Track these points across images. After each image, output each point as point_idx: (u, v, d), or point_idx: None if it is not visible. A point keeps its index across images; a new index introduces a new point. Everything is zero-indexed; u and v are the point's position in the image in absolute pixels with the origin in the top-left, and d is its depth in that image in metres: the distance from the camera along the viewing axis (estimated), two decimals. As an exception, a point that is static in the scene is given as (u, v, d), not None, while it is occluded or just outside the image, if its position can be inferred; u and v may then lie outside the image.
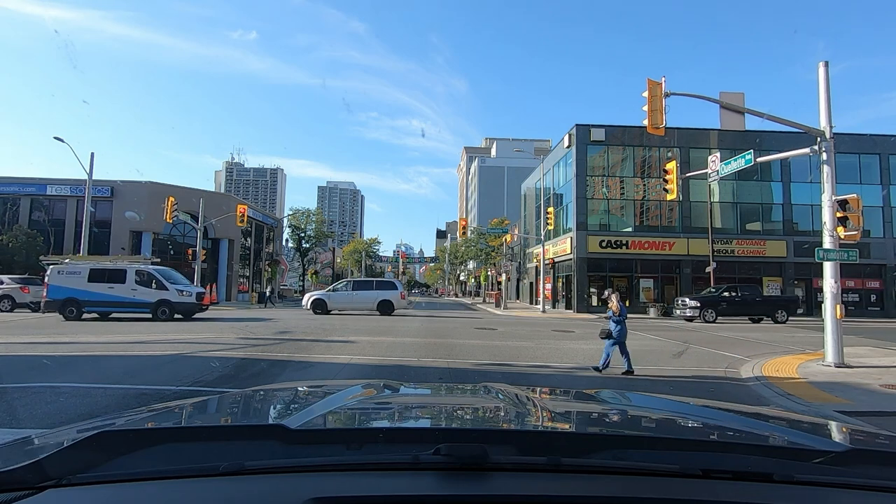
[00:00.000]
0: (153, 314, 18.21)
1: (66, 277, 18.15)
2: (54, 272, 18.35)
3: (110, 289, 18.12)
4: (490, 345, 12.54)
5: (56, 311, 18.06)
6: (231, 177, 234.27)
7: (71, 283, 18.03)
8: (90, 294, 18.04)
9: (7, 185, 35.93)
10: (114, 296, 18.13)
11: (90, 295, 18.03)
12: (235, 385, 7.00)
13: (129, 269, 18.53)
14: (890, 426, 1.80)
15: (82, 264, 18.96)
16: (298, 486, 0.92)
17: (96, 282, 18.16)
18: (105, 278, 18.29)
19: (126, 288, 18.19)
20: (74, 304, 17.96)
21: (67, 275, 18.22)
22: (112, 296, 18.12)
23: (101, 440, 1.07)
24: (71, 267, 18.59)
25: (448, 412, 1.72)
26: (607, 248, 29.76)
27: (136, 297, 18.21)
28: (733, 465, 1.04)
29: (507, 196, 73.98)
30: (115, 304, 18.26)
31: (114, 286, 18.16)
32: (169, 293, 18.42)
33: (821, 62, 10.14)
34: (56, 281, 18.13)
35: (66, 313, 17.88)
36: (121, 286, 18.16)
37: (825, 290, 9.97)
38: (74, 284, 18.04)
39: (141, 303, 18.25)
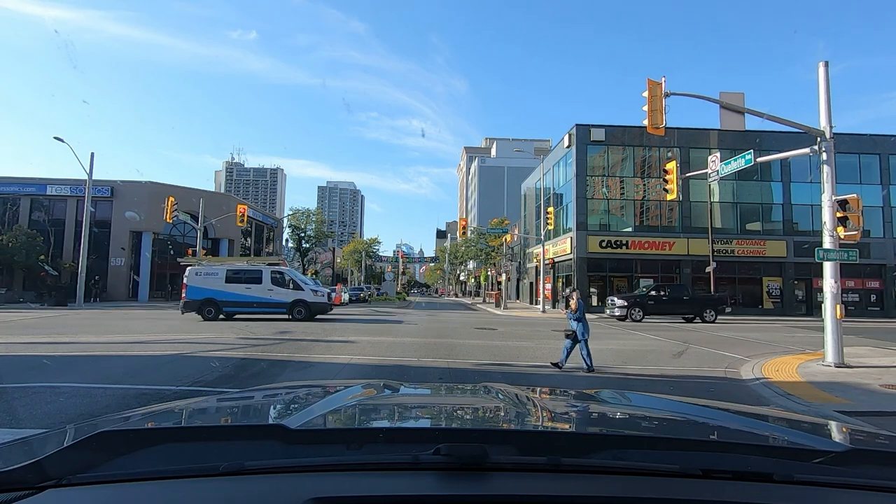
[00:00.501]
0: (289, 314, 18.34)
1: (203, 278, 18.39)
2: (192, 273, 18.59)
3: (247, 289, 18.35)
4: (490, 345, 12.54)
5: (195, 311, 18.32)
6: (231, 177, 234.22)
7: (209, 284, 18.27)
8: (228, 294, 18.30)
9: (7, 185, 35.95)
10: (251, 296, 18.35)
11: (228, 295, 18.30)
12: (235, 385, 7.01)
13: (265, 270, 18.76)
14: (890, 426, 1.80)
15: (218, 266, 19.28)
16: (298, 486, 0.92)
17: (233, 283, 18.40)
18: (242, 279, 18.53)
19: (263, 288, 18.39)
20: (213, 304, 18.23)
21: (205, 276, 18.46)
22: (249, 296, 18.36)
23: (101, 440, 1.07)
24: (208, 268, 18.85)
25: (448, 412, 1.72)
26: (607, 248, 29.77)
27: (273, 298, 18.40)
28: (733, 465, 1.04)
29: (507, 196, 73.99)
30: (252, 304, 18.45)
31: (251, 287, 18.38)
32: (304, 293, 18.62)
33: (821, 62, 10.14)
34: (194, 282, 18.37)
35: (204, 313, 18.17)
36: (257, 287, 18.36)
37: (825, 290, 9.97)
38: (212, 285, 18.28)
39: (277, 303, 18.43)
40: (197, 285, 18.28)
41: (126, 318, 19.34)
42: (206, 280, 18.32)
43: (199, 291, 18.21)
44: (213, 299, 18.16)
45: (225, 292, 18.22)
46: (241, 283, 18.40)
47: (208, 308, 18.15)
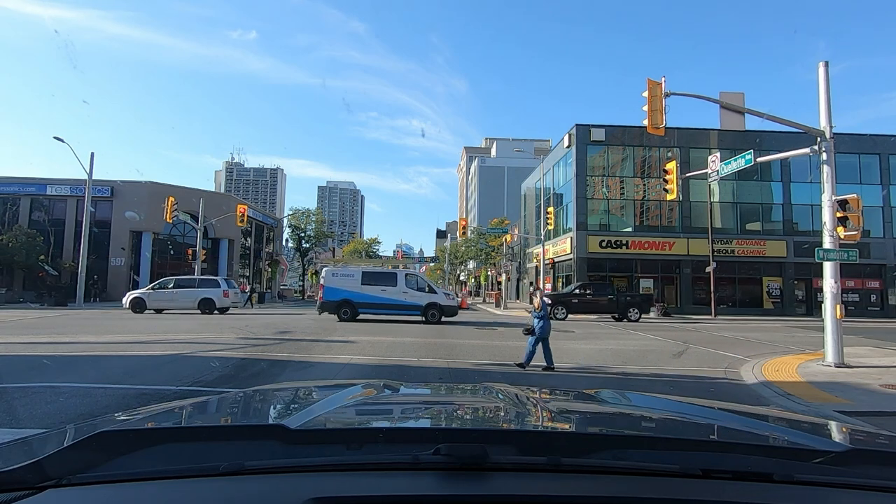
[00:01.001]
0: (423, 317, 18.49)
1: (340, 280, 18.64)
2: (329, 275, 18.85)
3: (383, 291, 18.54)
4: (490, 345, 12.54)
5: (331, 312, 18.51)
6: (231, 177, 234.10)
7: (345, 286, 18.50)
8: (364, 296, 18.49)
9: (7, 185, 35.93)
10: (386, 298, 18.53)
11: (364, 297, 18.48)
12: (235, 385, 7.00)
13: (400, 273, 19.18)
14: (890, 426, 1.80)
15: (354, 268, 19.66)
16: (298, 486, 0.92)
17: (369, 285, 18.59)
18: (377, 281, 18.74)
19: (398, 291, 18.59)
20: (349, 305, 18.44)
21: (342, 277, 18.72)
22: (385, 298, 18.53)
23: (101, 440, 1.07)
24: (344, 269, 19.24)
25: (448, 412, 1.72)
26: (607, 248, 29.77)
27: (407, 300, 18.57)
28: (733, 465, 1.04)
29: (507, 196, 73.94)
30: (387, 306, 18.62)
31: (386, 289, 18.57)
32: (438, 296, 18.87)
33: (821, 62, 10.14)
34: (331, 283, 18.61)
35: (340, 314, 18.36)
36: (393, 289, 18.57)
37: (825, 290, 9.97)
38: (349, 287, 18.50)
39: (412, 305, 18.59)
40: (334, 286, 18.55)
41: (126, 318, 19.33)
42: (343, 281, 18.61)
43: (335, 293, 18.50)
44: (349, 300, 18.43)
45: (361, 294, 18.49)
46: (377, 286, 18.66)
47: (344, 309, 18.44)
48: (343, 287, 18.45)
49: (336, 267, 19.63)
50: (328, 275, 18.85)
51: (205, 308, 22.36)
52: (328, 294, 18.53)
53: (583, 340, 14.08)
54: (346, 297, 18.40)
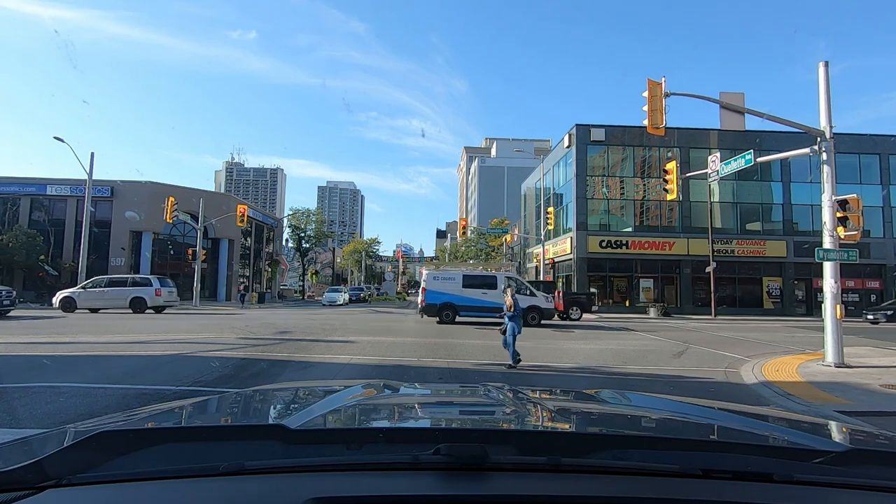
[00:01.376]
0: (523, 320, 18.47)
1: (441, 283, 18.81)
2: (430, 278, 18.99)
3: (484, 294, 18.67)
4: (490, 345, 12.54)
5: (433, 314, 18.64)
6: (231, 177, 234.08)
7: (447, 289, 18.71)
8: (465, 299, 18.69)
9: (7, 185, 35.94)
10: (487, 301, 18.58)
11: (465, 300, 18.69)
12: (235, 385, 7.00)
13: (500, 275, 19.19)
14: (890, 426, 1.80)
15: (454, 271, 19.60)
16: (298, 486, 0.92)
17: (470, 288, 18.78)
18: (478, 284, 18.90)
19: (498, 294, 18.54)
20: (451, 308, 18.65)
21: (443, 280, 18.86)
22: (485, 301, 18.60)
23: (101, 440, 1.07)
24: (445, 273, 19.22)
25: (448, 412, 1.72)
26: (607, 248, 29.78)
27: None
28: (733, 465, 1.04)
29: (507, 196, 74.00)
30: (488, 309, 18.56)
31: (487, 292, 18.68)
32: (538, 299, 18.90)
33: (821, 62, 10.14)
34: (433, 286, 18.81)
35: (442, 317, 18.54)
36: (493, 292, 18.59)
37: (825, 290, 9.97)
38: (450, 290, 18.70)
39: None
40: (435, 290, 18.74)
41: (126, 318, 19.33)
42: (444, 285, 18.78)
43: (437, 296, 18.69)
44: (451, 303, 18.63)
45: (462, 297, 18.71)
46: (478, 289, 18.82)
47: (446, 312, 18.63)
48: (444, 290, 18.68)
49: (437, 270, 19.55)
50: (429, 278, 18.96)
51: (136, 307, 21.96)
52: (430, 297, 18.72)
53: (583, 340, 14.09)
54: (448, 300, 18.63)
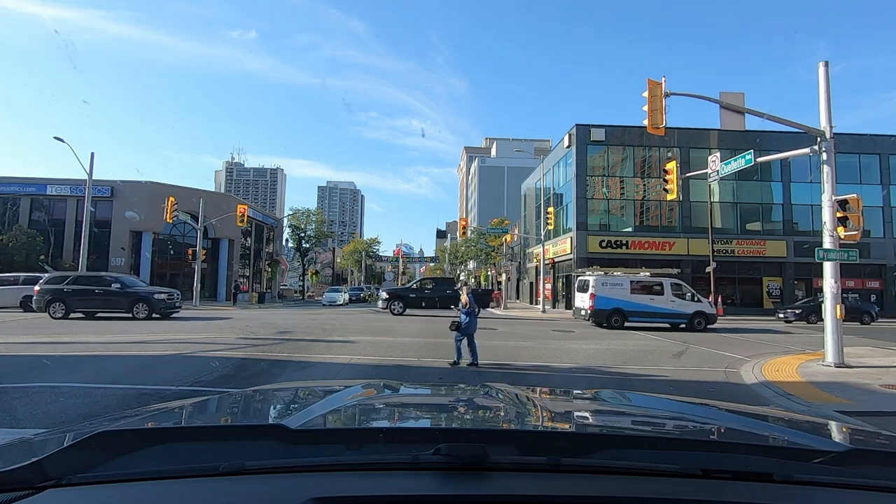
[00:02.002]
0: (689, 325, 18.68)
1: (609, 289, 18.90)
2: (598, 284, 19.06)
3: (651, 300, 18.82)
4: (490, 345, 12.53)
5: (603, 320, 18.72)
6: (231, 177, 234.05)
7: (615, 295, 18.83)
8: (634, 305, 18.80)
9: (7, 185, 35.93)
10: (654, 307, 18.79)
11: (633, 306, 18.81)
12: (235, 385, 7.00)
13: (666, 281, 19.29)
14: (890, 426, 1.80)
15: (622, 276, 19.70)
16: (298, 486, 0.92)
17: (638, 293, 18.91)
18: (645, 290, 19.02)
19: (665, 299, 18.87)
20: (620, 314, 18.73)
21: (611, 286, 18.96)
22: (653, 307, 18.81)
23: (101, 440, 1.07)
24: (613, 279, 19.32)
25: (448, 412, 1.72)
26: (607, 248, 29.77)
27: (675, 309, 18.84)
28: (733, 465, 1.04)
29: (507, 196, 73.95)
30: (655, 314, 18.88)
31: (654, 298, 18.84)
32: (703, 305, 19.10)
33: (821, 62, 10.14)
34: (601, 292, 18.89)
35: (611, 323, 18.61)
36: (660, 298, 18.85)
37: (825, 290, 9.97)
38: (619, 296, 18.82)
39: (679, 314, 18.86)
40: (604, 295, 18.82)
41: (126, 318, 19.31)
42: (612, 291, 18.88)
43: (606, 301, 18.75)
44: (620, 309, 18.71)
45: (631, 302, 18.79)
46: (646, 294, 18.93)
47: (615, 317, 18.71)
48: (613, 296, 18.80)
49: (605, 276, 19.70)
50: (598, 284, 19.05)
51: (28, 306, 21.28)
52: (599, 303, 18.80)
53: (583, 340, 14.09)
54: (617, 305, 18.73)
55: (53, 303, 18.38)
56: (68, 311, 18.37)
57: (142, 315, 18.46)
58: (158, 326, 15.64)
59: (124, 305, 18.63)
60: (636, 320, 18.78)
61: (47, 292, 18.59)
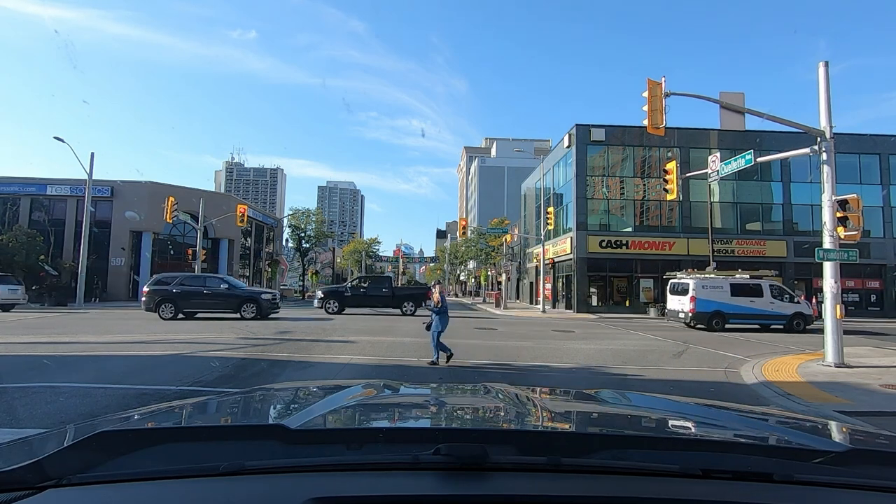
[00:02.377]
0: (787, 327, 18.78)
1: (710, 291, 19.02)
2: (699, 286, 19.20)
3: (751, 302, 18.88)
4: (490, 345, 12.54)
5: (703, 323, 18.84)
6: (231, 177, 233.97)
7: (716, 297, 18.96)
8: (734, 307, 18.90)
9: (7, 185, 35.90)
10: (754, 309, 18.87)
11: (734, 308, 18.89)
12: (235, 385, 7.01)
13: (764, 283, 19.35)
14: (890, 426, 1.80)
15: (721, 279, 19.72)
16: (298, 486, 0.92)
17: (738, 296, 18.97)
18: (745, 292, 19.07)
19: (765, 301, 18.97)
20: (720, 316, 18.88)
21: (711, 289, 19.07)
22: (752, 309, 18.89)
23: (101, 440, 1.07)
24: (712, 281, 19.40)
25: (448, 412, 1.72)
26: (607, 248, 29.76)
27: (774, 310, 19.00)
28: (733, 465, 1.03)
29: (507, 196, 73.92)
30: (755, 316, 18.97)
31: (754, 300, 18.90)
32: (801, 307, 19.11)
33: (821, 62, 10.14)
34: (702, 295, 19.04)
35: (712, 325, 18.73)
36: (760, 300, 18.91)
37: (825, 290, 9.97)
38: (719, 298, 18.93)
39: (778, 315, 18.97)
40: (705, 298, 18.95)
41: (126, 318, 19.33)
42: (712, 293, 18.98)
43: (707, 304, 18.87)
44: (720, 312, 18.83)
45: (731, 305, 18.87)
46: (745, 297, 18.97)
47: (716, 320, 18.85)
48: (713, 299, 18.90)
49: (704, 279, 19.80)
50: (698, 286, 19.13)
51: None
52: (700, 306, 18.90)
53: (583, 340, 14.08)
54: (718, 308, 18.82)
55: (163, 304, 18.76)
56: (177, 312, 18.72)
57: (249, 315, 18.85)
58: (159, 326, 15.64)
59: (233, 306, 19.07)
60: (736, 322, 18.91)
61: (157, 293, 19.00)
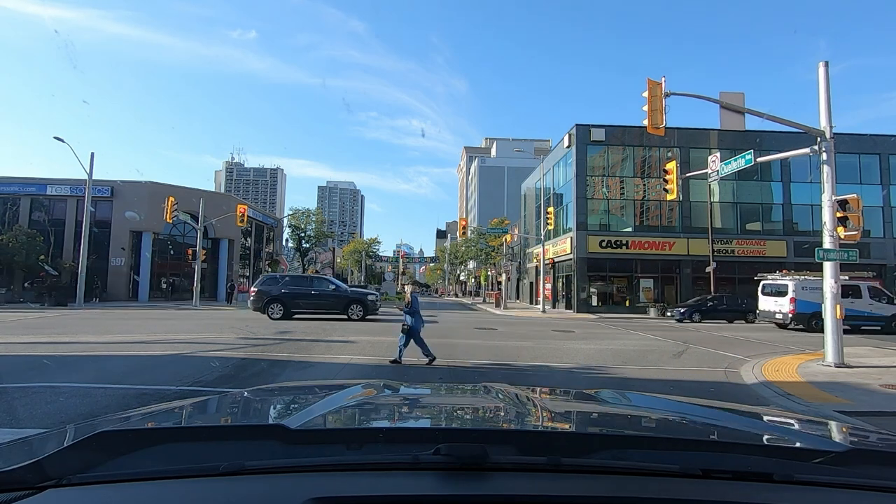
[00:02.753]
0: (885, 328, 19.18)
1: (809, 293, 19.17)
2: (798, 288, 19.50)
3: (851, 304, 18.87)
4: (490, 345, 12.54)
5: (803, 323, 19.02)
6: (231, 177, 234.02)
7: (816, 298, 18.89)
8: None
9: (7, 185, 35.90)
10: (853, 310, 18.87)
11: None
12: (235, 385, 7.00)
13: (863, 285, 19.59)
14: (890, 426, 1.80)
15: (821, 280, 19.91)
16: (298, 486, 0.92)
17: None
18: (844, 294, 19.16)
19: (864, 303, 19.36)
20: (820, 317, 18.71)
21: (811, 290, 19.16)
22: (851, 310, 18.86)
23: (101, 440, 1.07)
24: (812, 283, 19.43)
25: (448, 412, 1.72)
26: (607, 248, 29.77)
27: (873, 312, 19.47)
28: (733, 465, 1.03)
29: (507, 196, 73.94)
30: (854, 318, 18.95)
31: (854, 301, 19.06)
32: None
33: (820, 62, 10.14)
34: (803, 297, 19.33)
35: (811, 325, 18.79)
36: (859, 301, 19.21)
37: (825, 290, 9.98)
38: (819, 299, 18.81)
39: (877, 316, 19.46)
40: (805, 299, 19.18)
41: (126, 318, 19.34)
42: (812, 294, 19.04)
43: (807, 305, 19.01)
44: (820, 313, 18.74)
45: None
46: (845, 298, 19.13)
47: (815, 320, 18.87)
48: (813, 300, 18.91)
49: (804, 280, 19.95)
50: (798, 288, 19.35)
51: None
52: (801, 307, 19.15)
53: (583, 340, 14.08)
54: (818, 309, 18.80)
55: (272, 304, 18.96)
56: (286, 313, 18.92)
57: (356, 316, 19.12)
58: (159, 326, 15.65)
59: (340, 307, 19.35)
60: None
61: (266, 294, 19.21)
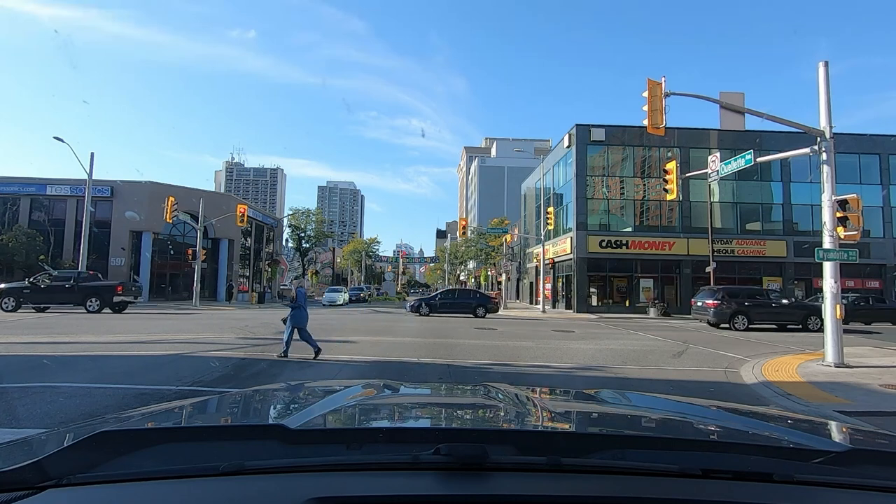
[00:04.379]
0: None
1: None
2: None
3: None
4: (490, 345, 12.54)
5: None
6: (231, 177, 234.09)
7: None
8: None
9: (7, 185, 35.91)
10: None
11: None
12: (235, 385, 7.01)
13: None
14: (890, 426, 1.80)
15: None
16: (298, 486, 0.92)
17: None
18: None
19: None
20: None
21: None
22: None
23: (101, 440, 1.07)
24: None
25: (448, 412, 1.72)
26: (607, 248, 29.77)
27: None
28: (733, 465, 1.04)
29: (507, 196, 73.94)
30: None
31: None
32: None
33: (820, 62, 10.13)
34: None
35: None
36: None
37: (825, 290, 9.97)
38: None
39: None
40: None
41: (126, 318, 19.33)
42: None
43: None
44: None
45: None
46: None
47: None
48: None
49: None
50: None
51: None
52: None
53: (582, 340, 14.08)
54: None
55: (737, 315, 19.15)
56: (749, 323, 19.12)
57: None
58: (158, 326, 15.65)
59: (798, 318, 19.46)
60: None
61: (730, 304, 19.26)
